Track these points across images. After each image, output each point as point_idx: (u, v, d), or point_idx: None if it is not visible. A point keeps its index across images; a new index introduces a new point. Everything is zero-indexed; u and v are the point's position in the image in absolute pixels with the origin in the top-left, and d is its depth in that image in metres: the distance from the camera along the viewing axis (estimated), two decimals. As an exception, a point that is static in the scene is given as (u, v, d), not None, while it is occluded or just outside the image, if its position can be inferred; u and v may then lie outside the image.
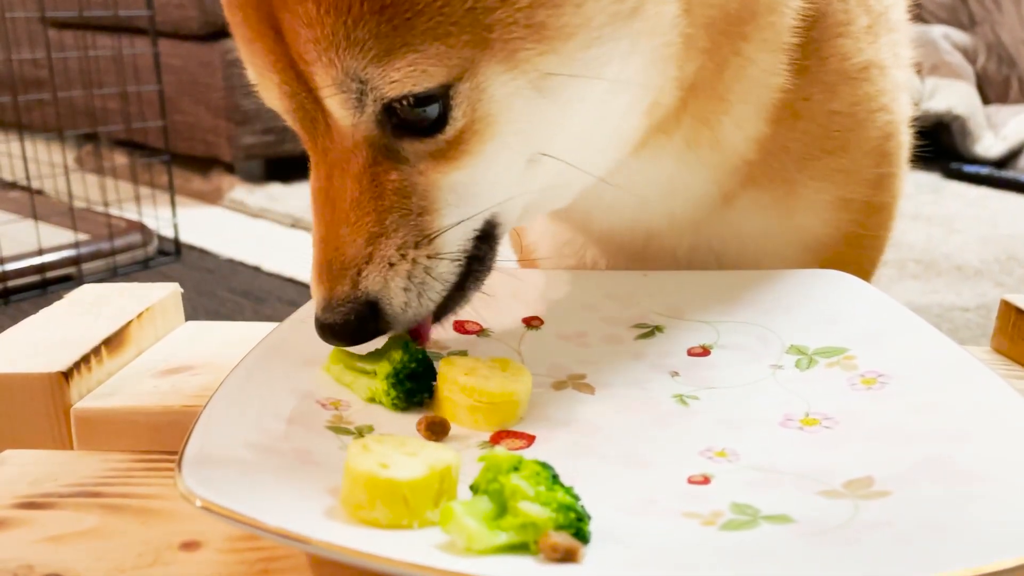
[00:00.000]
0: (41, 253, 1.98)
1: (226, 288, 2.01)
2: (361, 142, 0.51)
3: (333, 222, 0.52)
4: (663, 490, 0.45)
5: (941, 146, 2.96)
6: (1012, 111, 3.11)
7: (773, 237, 0.72)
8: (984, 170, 2.87)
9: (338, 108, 0.50)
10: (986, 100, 3.20)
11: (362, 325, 0.52)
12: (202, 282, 2.04)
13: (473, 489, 0.41)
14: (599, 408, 0.54)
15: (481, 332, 0.62)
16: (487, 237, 0.56)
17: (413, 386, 0.53)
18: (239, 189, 2.75)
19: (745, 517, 0.42)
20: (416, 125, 0.51)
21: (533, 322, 0.64)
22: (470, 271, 0.55)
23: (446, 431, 0.51)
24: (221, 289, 2.00)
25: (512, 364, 0.54)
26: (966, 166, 2.90)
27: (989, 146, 2.98)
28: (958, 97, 3.01)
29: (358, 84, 0.49)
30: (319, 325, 0.52)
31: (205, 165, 2.91)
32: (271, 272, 2.09)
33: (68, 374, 0.58)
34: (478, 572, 0.35)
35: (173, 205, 2.24)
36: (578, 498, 0.40)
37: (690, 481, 0.46)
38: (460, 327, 0.62)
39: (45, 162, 2.39)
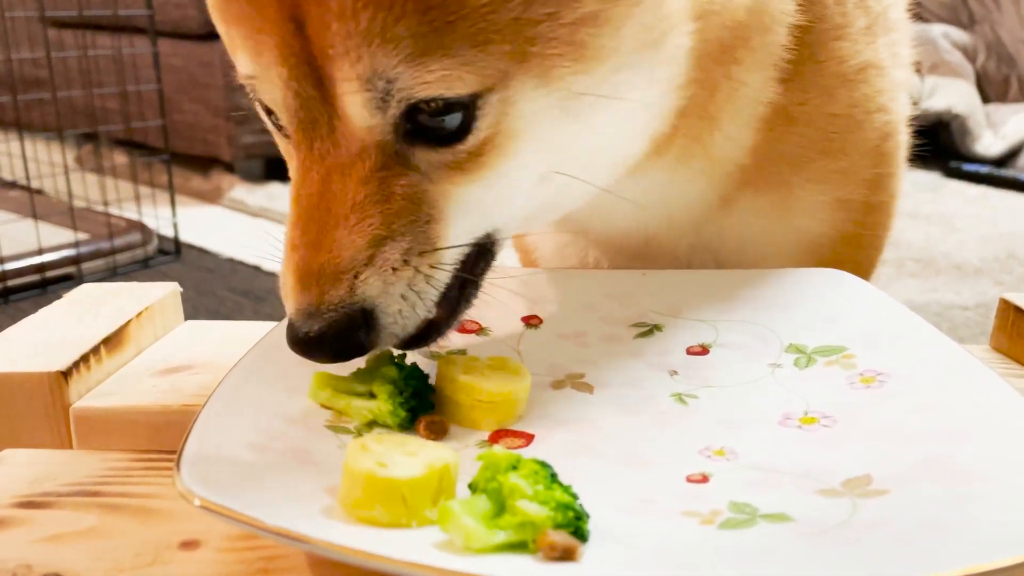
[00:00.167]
0: (41, 252, 1.98)
1: (226, 287, 2.01)
2: (371, 145, 0.49)
3: (326, 225, 0.49)
4: (662, 489, 0.45)
5: (941, 145, 2.96)
6: (1011, 110, 3.11)
7: (771, 238, 0.72)
8: (983, 169, 2.87)
9: (357, 107, 0.48)
10: (986, 99, 3.20)
11: (350, 335, 0.49)
12: (202, 281, 2.04)
13: (471, 488, 0.41)
14: (598, 407, 0.54)
15: (480, 331, 0.62)
16: (484, 251, 0.55)
17: (416, 403, 0.51)
18: (239, 188, 2.75)
19: (744, 516, 0.42)
20: (433, 133, 0.49)
21: (532, 321, 0.64)
22: (463, 288, 0.54)
23: (445, 431, 0.51)
24: (221, 288, 2.00)
25: (511, 363, 0.54)
26: (965, 165, 2.90)
27: (988, 145, 2.98)
28: (958, 96, 3.01)
29: (385, 83, 0.47)
30: (299, 337, 0.49)
31: (205, 164, 2.92)
32: (271, 271, 2.09)
33: (67, 373, 0.58)
34: (476, 571, 0.35)
35: (173, 204, 2.24)
36: (576, 497, 0.40)
37: (689, 480, 0.46)
38: (459, 326, 0.62)
39: (45, 161, 2.39)
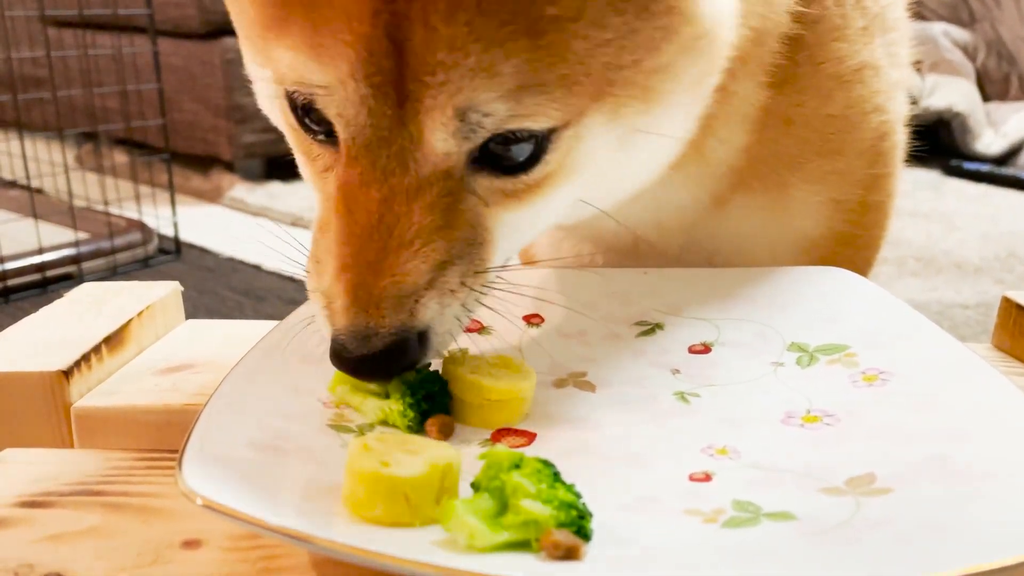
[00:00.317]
0: (41, 252, 1.98)
1: (226, 286, 2.01)
2: (442, 171, 0.49)
3: (387, 248, 0.48)
4: (664, 488, 0.45)
5: (941, 143, 2.96)
6: (1012, 108, 3.11)
7: (765, 238, 0.72)
8: (984, 167, 2.87)
9: (442, 135, 0.47)
10: (986, 97, 3.20)
11: (405, 356, 0.49)
12: (202, 281, 2.04)
13: (474, 487, 0.41)
14: (600, 406, 0.54)
15: (482, 330, 0.62)
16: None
17: (429, 407, 0.51)
18: (239, 187, 2.74)
19: (747, 515, 0.42)
20: (500, 161, 0.50)
21: (534, 320, 0.63)
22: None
23: (452, 431, 0.51)
24: (221, 287, 2.00)
25: (513, 361, 0.54)
26: (966, 163, 2.90)
27: (989, 143, 2.98)
28: (958, 94, 3.01)
29: (481, 116, 0.47)
30: (353, 358, 0.48)
31: (205, 164, 2.91)
32: (271, 270, 2.09)
33: (68, 373, 0.58)
34: (480, 570, 0.35)
35: (173, 204, 2.24)
36: (579, 496, 0.40)
37: (691, 479, 0.46)
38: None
39: (45, 161, 2.39)
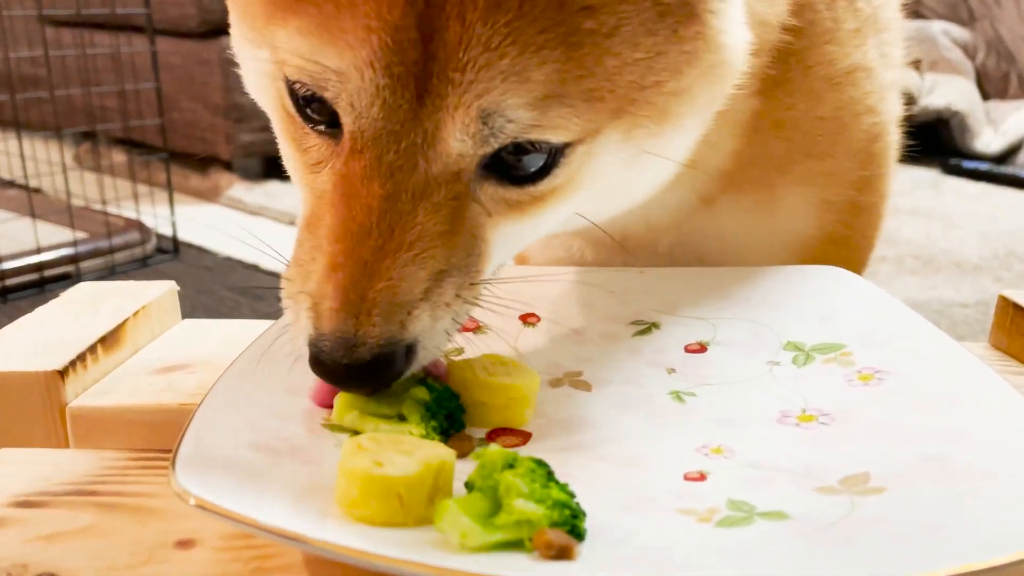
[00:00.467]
0: (39, 251, 1.98)
1: (224, 286, 2.01)
2: (452, 172, 0.47)
3: (385, 249, 0.46)
4: (659, 487, 0.45)
5: (940, 142, 2.96)
6: (1011, 107, 3.11)
7: (755, 238, 0.71)
8: (983, 166, 2.87)
9: (460, 135, 0.46)
10: (985, 96, 3.20)
11: (389, 369, 0.47)
12: (200, 280, 2.04)
13: (468, 486, 0.41)
14: (596, 405, 0.54)
15: (477, 329, 0.62)
16: None
17: (448, 425, 0.50)
18: (237, 187, 2.74)
19: (741, 514, 0.42)
20: (509, 170, 0.49)
21: (530, 319, 0.63)
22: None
23: (473, 448, 0.50)
24: (219, 287, 2.00)
25: (505, 359, 0.54)
26: (965, 162, 2.90)
27: (988, 142, 2.98)
28: (957, 93, 3.01)
29: (504, 121, 0.45)
30: (332, 365, 0.46)
31: (203, 163, 2.91)
32: (269, 270, 2.09)
33: (64, 372, 0.58)
34: (473, 569, 0.35)
35: (171, 203, 2.24)
36: (573, 495, 0.40)
37: (686, 478, 0.46)
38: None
39: (43, 160, 2.38)
